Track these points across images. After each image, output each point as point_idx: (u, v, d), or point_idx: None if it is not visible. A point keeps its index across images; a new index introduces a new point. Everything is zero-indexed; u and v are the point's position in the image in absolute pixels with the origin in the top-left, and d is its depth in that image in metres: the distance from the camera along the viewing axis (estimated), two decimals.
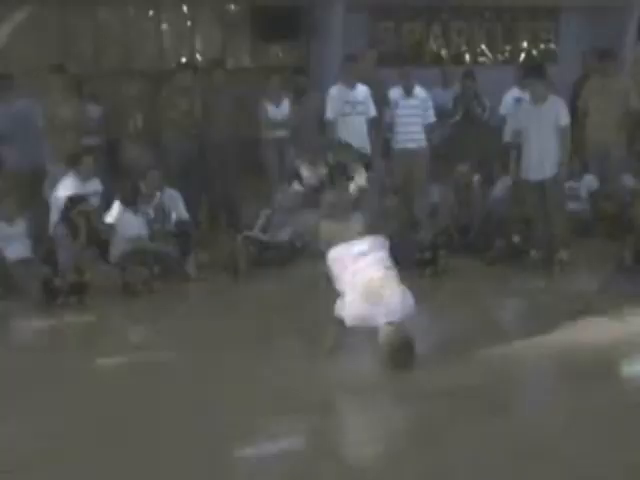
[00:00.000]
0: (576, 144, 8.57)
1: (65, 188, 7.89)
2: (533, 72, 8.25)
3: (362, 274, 5.32)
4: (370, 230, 5.50)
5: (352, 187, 5.79)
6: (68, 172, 8.11)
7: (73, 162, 8.08)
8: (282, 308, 6.93)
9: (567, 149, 7.86)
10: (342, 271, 5.42)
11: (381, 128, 9.43)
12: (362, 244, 5.42)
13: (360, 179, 5.81)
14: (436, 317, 5.54)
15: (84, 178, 8.03)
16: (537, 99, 7.84)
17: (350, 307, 5.31)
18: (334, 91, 9.18)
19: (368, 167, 8.84)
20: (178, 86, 9.18)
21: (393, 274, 5.40)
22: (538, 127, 7.77)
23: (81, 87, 9.45)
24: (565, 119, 7.77)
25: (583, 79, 10.23)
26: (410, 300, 5.35)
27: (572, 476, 4.00)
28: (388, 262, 5.44)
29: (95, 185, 8.22)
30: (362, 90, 9.20)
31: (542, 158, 7.78)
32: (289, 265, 8.14)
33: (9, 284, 7.28)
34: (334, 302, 5.45)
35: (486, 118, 9.86)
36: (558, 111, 7.77)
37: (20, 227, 7.76)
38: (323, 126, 9.31)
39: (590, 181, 9.29)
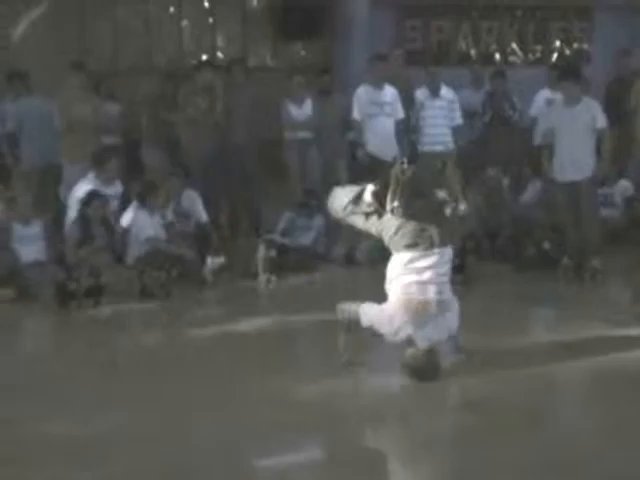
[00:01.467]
0: (617, 147, 8.50)
1: (84, 188, 7.88)
2: (568, 74, 8.15)
3: (418, 290, 5.07)
4: (443, 241, 5.17)
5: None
6: (87, 172, 8.11)
7: (97, 163, 8.05)
8: (302, 314, 6.86)
9: (607, 152, 7.76)
10: (397, 277, 5.18)
11: (408, 130, 9.38)
12: (431, 257, 5.09)
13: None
14: (464, 327, 5.47)
15: (105, 180, 8.02)
16: (571, 101, 7.76)
17: (391, 321, 5.09)
18: (361, 91, 9.13)
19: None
20: (199, 84, 9.10)
21: (448, 294, 5.20)
22: (571, 129, 7.68)
23: (100, 85, 9.44)
24: (602, 121, 7.68)
25: (616, 81, 10.11)
26: (455, 323, 5.26)
27: None
28: (447, 277, 5.21)
29: (116, 187, 8.20)
30: (390, 91, 9.15)
31: (575, 160, 7.68)
32: (310, 270, 8.11)
33: (23, 287, 7.28)
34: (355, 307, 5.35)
35: (516, 119, 9.76)
36: (594, 113, 7.69)
37: (36, 228, 7.74)
38: (347, 127, 9.28)
39: (625, 187, 9.17)
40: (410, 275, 5.07)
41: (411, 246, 5.09)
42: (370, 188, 5.25)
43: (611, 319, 6.43)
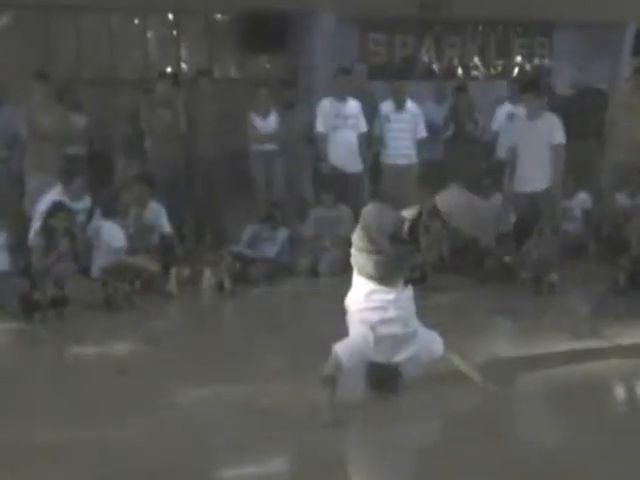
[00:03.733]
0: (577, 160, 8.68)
1: (50, 199, 7.85)
2: (529, 87, 8.28)
3: (383, 326, 5.03)
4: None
5: None
6: (50, 183, 8.09)
7: (64, 178, 8.03)
8: (266, 326, 6.90)
9: (561, 167, 7.90)
10: (360, 311, 5.07)
11: (372, 143, 9.45)
12: (392, 293, 5.03)
13: None
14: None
15: (72, 196, 7.99)
16: (533, 115, 7.89)
17: (366, 341, 4.99)
18: (325, 104, 9.21)
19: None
20: (160, 96, 9.12)
21: (414, 326, 5.16)
22: (532, 143, 7.81)
23: (65, 95, 9.41)
24: (560, 137, 7.82)
25: (573, 97, 10.29)
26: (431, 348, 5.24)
27: None
28: (411, 311, 5.17)
29: (84, 202, 8.16)
30: (353, 104, 9.23)
31: (535, 172, 7.84)
32: (275, 281, 8.15)
33: None
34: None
35: (478, 134, 9.86)
36: (554, 128, 7.83)
37: None
38: (312, 140, 9.34)
39: (583, 199, 9.31)
40: (374, 312, 5.01)
41: (373, 277, 5.01)
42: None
43: (568, 331, 6.52)
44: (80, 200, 8.07)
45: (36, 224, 7.77)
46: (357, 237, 5.00)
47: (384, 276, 5.00)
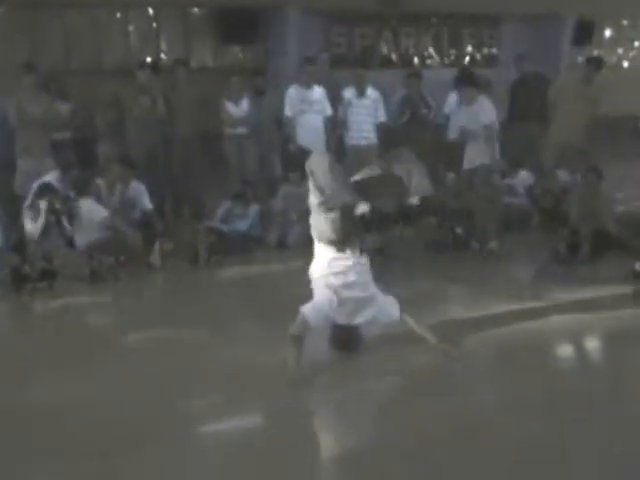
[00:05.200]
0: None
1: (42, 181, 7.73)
2: (462, 80, 8.32)
3: (344, 290, 5.06)
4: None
5: None
6: (38, 166, 7.97)
7: (63, 169, 7.90)
8: (239, 293, 6.89)
9: (492, 145, 7.90)
10: (325, 276, 5.10)
11: (336, 126, 9.42)
12: (350, 259, 5.07)
13: None
14: None
15: (67, 186, 7.86)
16: (469, 101, 7.92)
17: (331, 302, 5.02)
18: (292, 91, 9.21)
19: None
20: (140, 84, 8.98)
21: (372, 291, 5.18)
22: (469, 125, 7.84)
23: (51, 85, 9.24)
24: (490, 118, 7.80)
25: (518, 82, 10.29)
26: (387, 311, 5.23)
27: (505, 451, 4.02)
28: (368, 277, 5.20)
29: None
30: (318, 90, 9.23)
31: (473, 151, 7.84)
32: (246, 254, 8.09)
33: None
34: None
35: (431, 118, 9.82)
36: (485, 111, 7.82)
37: None
38: (280, 123, 9.30)
39: (524, 177, 9.36)
40: (337, 276, 5.05)
41: (332, 241, 5.03)
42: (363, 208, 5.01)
43: (513, 295, 6.53)
44: (73, 190, 7.95)
45: (27, 200, 7.68)
46: (311, 194, 5.07)
47: (341, 236, 4.98)
